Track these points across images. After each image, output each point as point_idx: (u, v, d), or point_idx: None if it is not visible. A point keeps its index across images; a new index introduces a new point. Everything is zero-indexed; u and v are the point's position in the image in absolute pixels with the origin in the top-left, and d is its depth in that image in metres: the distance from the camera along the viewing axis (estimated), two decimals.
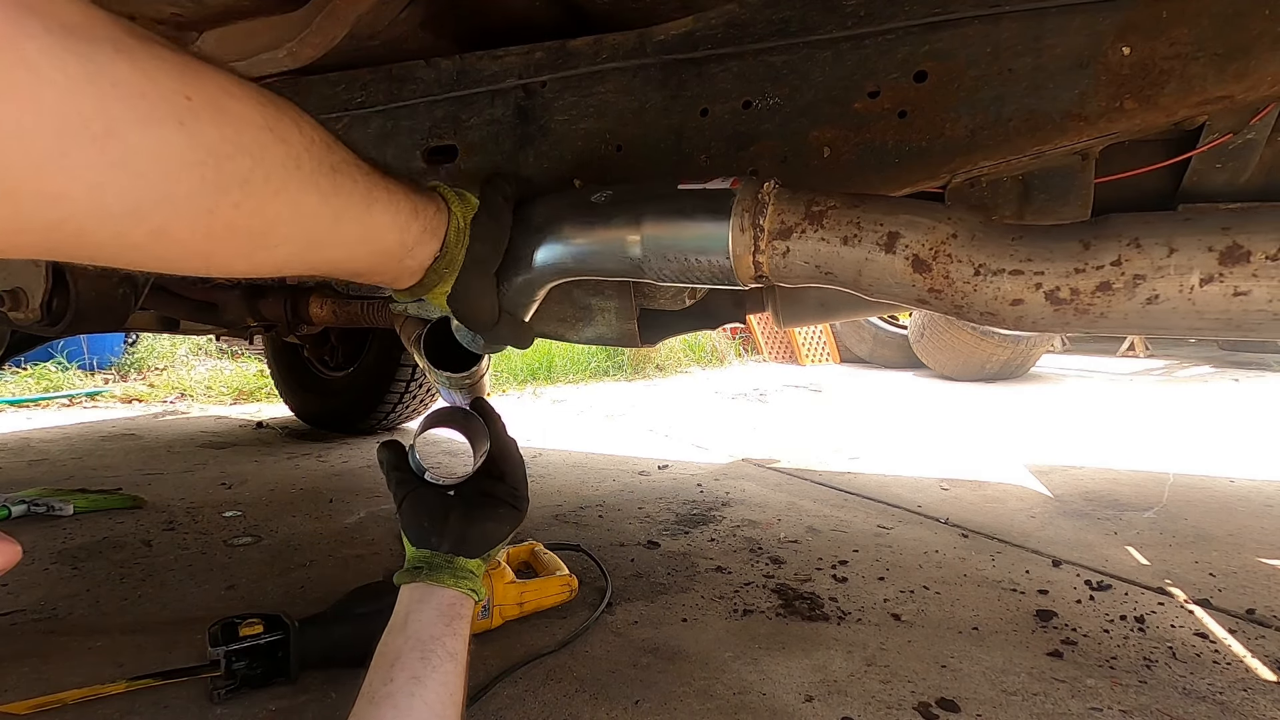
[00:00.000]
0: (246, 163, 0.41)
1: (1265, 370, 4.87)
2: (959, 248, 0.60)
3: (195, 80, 0.39)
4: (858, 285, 0.64)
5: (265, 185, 0.43)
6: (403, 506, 0.76)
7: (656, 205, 0.67)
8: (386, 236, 0.56)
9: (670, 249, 0.66)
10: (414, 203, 0.58)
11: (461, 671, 0.68)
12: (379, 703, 0.63)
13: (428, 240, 0.60)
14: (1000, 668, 1.10)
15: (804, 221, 0.63)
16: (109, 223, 0.37)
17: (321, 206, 0.48)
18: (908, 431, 3.12)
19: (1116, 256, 0.56)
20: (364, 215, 0.52)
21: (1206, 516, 1.88)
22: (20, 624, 1.22)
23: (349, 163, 0.50)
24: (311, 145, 0.46)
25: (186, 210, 0.39)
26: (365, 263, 0.56)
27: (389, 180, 0.55)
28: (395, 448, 0.81)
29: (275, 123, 0.44)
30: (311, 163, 0.46)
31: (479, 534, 0.75)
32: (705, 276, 0.67)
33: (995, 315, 0.60)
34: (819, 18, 0.79)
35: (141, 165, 0.36)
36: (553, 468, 2.40)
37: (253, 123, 0.42)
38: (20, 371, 3.89)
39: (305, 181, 0.46)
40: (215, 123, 0.39)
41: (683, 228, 0.65)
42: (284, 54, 0.91)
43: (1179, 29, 0.66)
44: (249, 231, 0.44)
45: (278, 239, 0.46)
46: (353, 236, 0.52)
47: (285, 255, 0.48)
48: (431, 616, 0.69)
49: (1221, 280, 0.53)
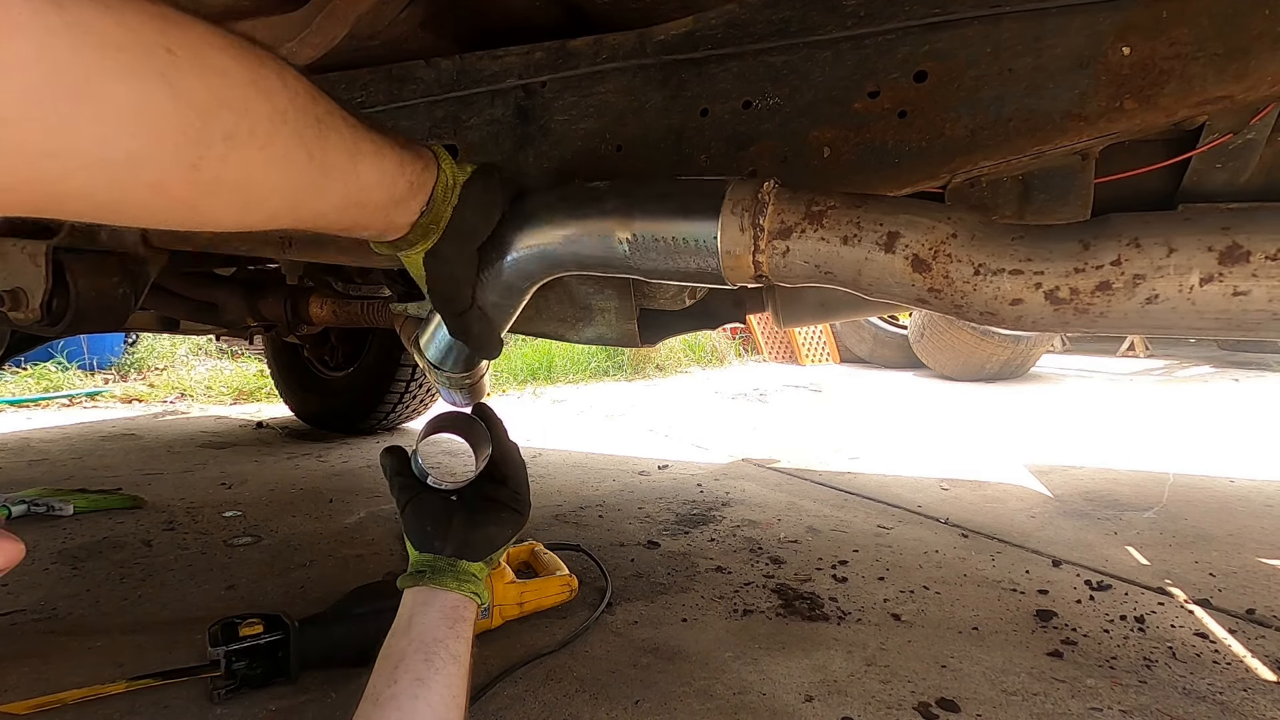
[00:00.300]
0: (230, 116, 0.41)
1: (1265, 370, 4.87)
2: (959, 247, 0.60)
3: (177, 32, 0.38)
4: (857, 285, 0.64)
5: (250, 139, 0.42)
6: (405, 511, 0.76)
7: (648, 191, 0.67)
8: (373, 190, 0.56)
9: (659, 234, 0.66)
10: (400, 156, 0.58)
11: (464, 673, 0.68)
12: (383, 704, 0.63)
13: (415, 194, 0.60)
14: (1000, 668, 1.10)
15: (804, 221, 0.63)
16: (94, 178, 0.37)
17: (307, 160, 0.48)
18: (908, 431, 3.12)
19: (1116, 256, 0.56)
20: (350, 168, 0.52)
21: (1206, 516, 1.88)
22: (20, 624, 1.22)
23: (334, 114, 0.50)
24: (296, 97, 0.46)
25: (172, 164, 0.39)
26: (352, 215, 0.56)
27: (375, 133, 0.55)
28: (398, 453, 0.82)
29: (258, 75, 0.43)
30: (296, 115, 0.46)
31: (482, 538, 0.75)
32: (691, 267, 0.66)
33: (995, 315, 0.60)
34: (819, 18, 0.79)
35: (125, 120, 0.36)
36: (553, 468, 2.40)
37: (236, 76, 0.41)
38: (20, 371, 3.89)
39: (290, 135, 0.45)
40: (198, 76, 0.39)
41: (672, 214, 0.65)
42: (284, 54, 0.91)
43: (1179, 29, 0.66)
44: (235, 185, 0.43)
45: (265, 192, 0.46)
46: (339, 189, 0.52)
47: (273, 209, 0.48)
48: (435, 619, 0.69)
49: (1221, 280, 0.53)
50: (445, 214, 0.63)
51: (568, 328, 1.03)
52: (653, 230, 0.66)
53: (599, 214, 0.68)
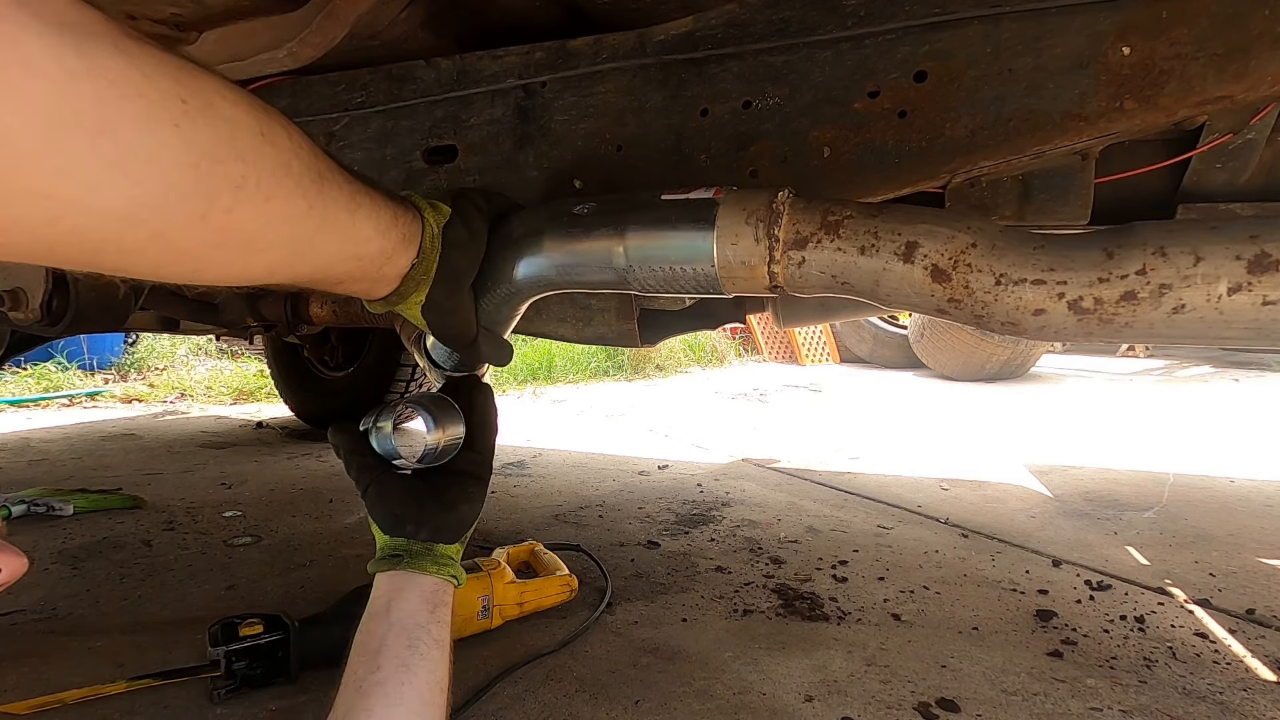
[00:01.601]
0: (239, 167, 0.41)
1: (1265, 370, 4.87)
2: (979, 257, 0.59)
3: (190, 82, 0.39)
4: (875, 295, 0.64)
5: (257, 190, 0.43)
6: (368, 493, 0.73)
7: (640, 215, 0.67)
8: (369, 243, 0.57)
9: (655, 259, 0.66)
10: (393, 210, 0.59)
11: (447, 659, 0.67)
12: (368, 691, 0.62)
13: (405, 248, 0.61)
14: (1000, 668, 1.10)
15: (819, 231, 0.63)
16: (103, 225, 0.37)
17: (309, 212, 0.48)
18: (908, 431, 3.12)
19: (1141, 265, 0.55)
20: (348, 222, 0.53)
21: (1206, 516, 1.88)
22: (20, 624, 1.22)
23: (333, 169, 0.51)
24: (299, 151, 0.47)
25: (181, 214, 0.39)
26: (347, 269, 0.57)
27: (369, 188, 0.56)
28: (350, 431, 0.77)
29: (266, 127, 0.44)
30: (300, 168, 0.47)
31: (455, 519, 0.73)
32: (691, 286, 0.67)
33: (1017, 325, 0.60)
34: (819, 18, 0.79)
35: (136, 166, 0.36)
36: (553, 468, 2.40)
37: (246, 127, 0.42)
38: (20, 371, 3.89)
39: (294, 187, 0.46)
40: (210, 125, 0.39)
41: (667, 237, 0.66)
42: (284, 54, 0.91)
43: (1179, 29, 0.66)
44: (240, 237, 0.44)
45: (266, 244, 0.46)
46: (337, 242, 0.53)
47: (272, 261, 0.49)
48: (416, 604, 0.68)
49: (1250, 289, 0.52)
50: (434, 264, 0.64)
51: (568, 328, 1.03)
52: (648, 245, 0.66)
53: (589, 234, 0.68)
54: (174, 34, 0.92)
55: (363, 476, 0.74)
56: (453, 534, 0.73)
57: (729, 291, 0.68)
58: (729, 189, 0.66)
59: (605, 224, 0.68)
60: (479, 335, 0.70)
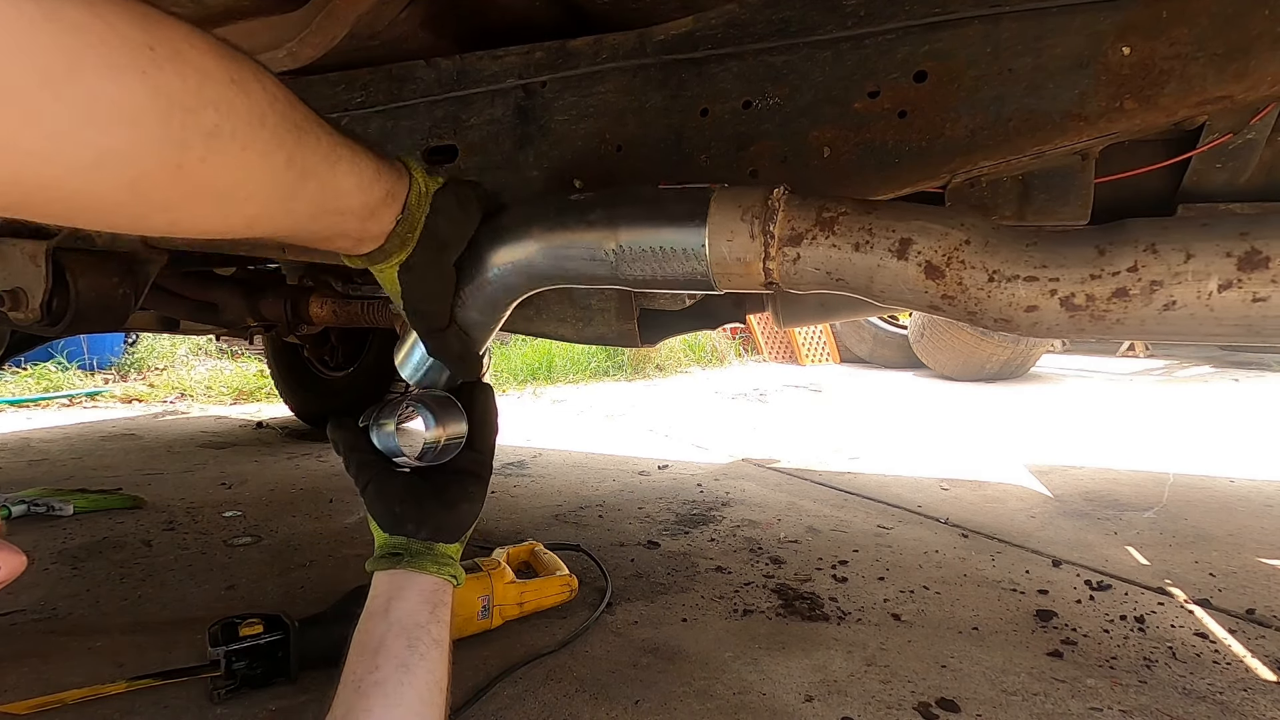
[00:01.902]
0: (212, 115, 0.40)
1: (1265, 370, 4.87)
2: (972, 254, 0.60)
3: (157, 29, 0.38)
4: (869, 292, 0.64)
5: (231, 140, 0.42)
6: (367, 491, 0.72)
7: (633, 205, 0.66)
8: (350, 196, 0.56)
9: (646, 249, 0.65)
10: (377, 165, 0.58)
11: (446, 659, 0.67)
12: (366, 692, 0.61)
13: (390, 204, 0.60)
14: (1000, 668, 1.10)
15: (815, 228, 0.63)
16: (72, 177, 0.36)
17: (287, 163, 0.47)
18: (908, 431, 3.12)
19: (1133, 262, 0.55)
20: (328, 174, 0.52)
21: (1206, 516, 1.88)
22: (20, 624, 1.22)
23: (312, 120, 0.50)
24: (275, 101, 0.46)
25: (153, 164, 0.38)
26: (329, 222, 0.56)
27: (352, 141, 0.55)
28: (350, 427, 0.76)
29: (238, 76, 0.43)
30: (275, 118, 0.45)
31: (456, 519, 0.72)
32: (680, 276, 0.66)
33: (1010, 322, 0.60)
34: (819, 18, 0.79)
35: (103, 115, 0.35)
36: (553, 468, 2.40)
37: (217, 75, 0.41)
38: (20, 371, 3.89)
39: (270, 137, 0.45)
40: (179, 73, 0.38)
41: (659, 227, 0.65)
42: (284, 54, 0.91)
43: (1179, 29, 0.66)
44: (215, 188, 0.43)
45: (245, 195, 0.45)
46: (317, 195, 0.52)
47: (252, 213, 0.48)
48: (415, 603, 0.67)
49: (1240, 286, 0.52)
50: (419, 222, 0.62)
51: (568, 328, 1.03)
52: (640, 239, 0.65)
53: (582, 225, 0.67)
54: None
55: (362, 473, 0.73)
56: (453, 533, 0.72)
57: (723, 288, 0.68)
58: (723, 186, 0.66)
59: (596, 212, 0.67)
60: (450, 328, 0.69)
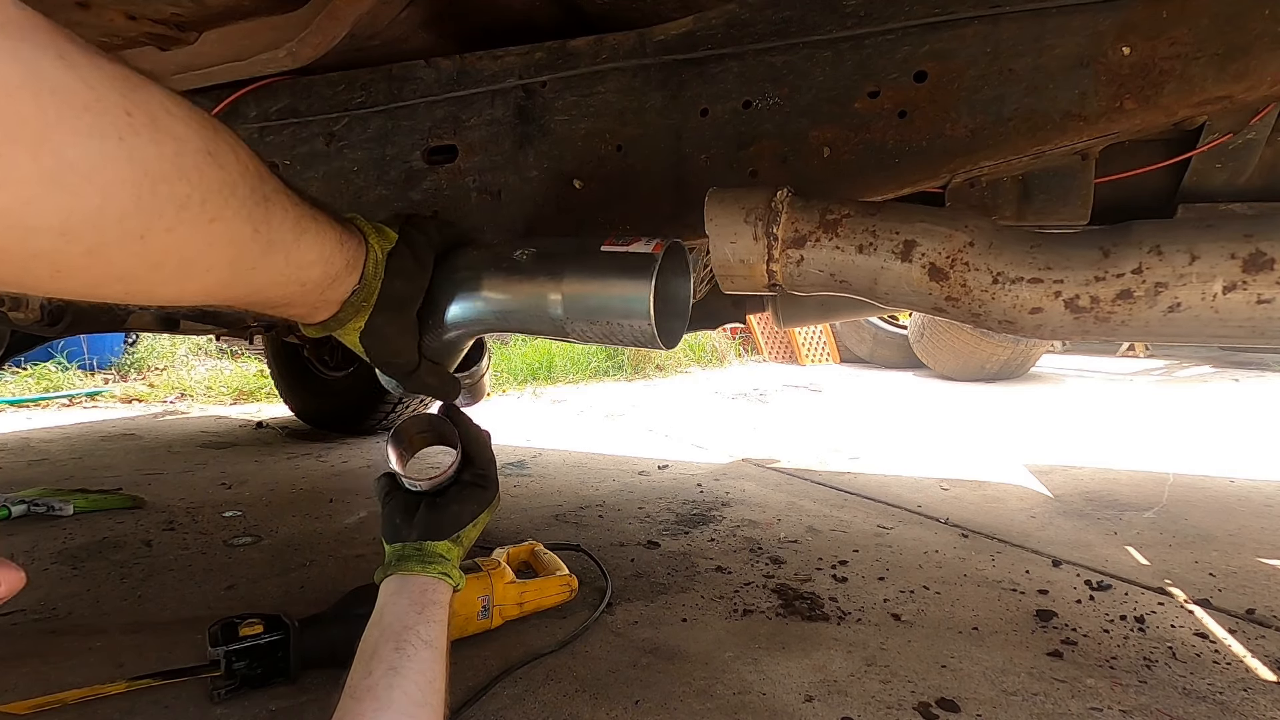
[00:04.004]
0: (184, 186, 0.40)
1: (1265, 370, 4.87)
2: (976, 256, 0.60)
3: (136, 95, 0.37)
4: (873, 294, 0.64)
5: (201, 210, 0.41)
6: (383, 513, 0.79)
7: (578, 266, 0.65)
8: (312, 268, 0.55)
9: (594, 312, 0.64)
10: (339, 235, 0.58)
11: (440, 658, 0.68)
12: (360, 697, 0.64)
13: (349, 273, 0.60)
14: (1000, 668, 1.10)
15: (818, 230, 0.63)
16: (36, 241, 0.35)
17: (253, 235, 0.47)
18: (908, 431, 3.12)
19: (1137, 264, 0.56)
20: (292, 246, 0.51)
21: (1206, 516, 1.88)
22: (20, 624, 1.21)
23: (280, 192, 0.50)
24: (246, 172, 0.45)
25: (119, 232, 0.37)
26: (287, 293, 0.55)
27: (316, 211, 0.55)
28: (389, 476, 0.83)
29: (214, 146, 0.42)
30: (246, 190, 0.45)
31: (447, 517, 0.76)
32: (629, 340, 0.66)
33: (1014, 323, 0.60)
34: (819, 18, 0.79)
35: (76, 180, 0.34)
36: (553, 468, 2.40)
37: (192, 145, 0.40)
38: (20, 371, 3.89)
39: (239, 209, 0.45)
40: (155, 141, 0.38)
41: (605, 291, 0.63)
42: (284, 54, 0.91)
43: (1179, 29, 0.66)
44: (180, 258, 0.42)
45: (207, 266, 0.45)
46: (280, 267, 0.51)
47: (211, 283, 0.47)
48: (404, 606, 0.69)
49: (1245, 287, 0.53)
50: (375, 290, 0.62)
51: None
52: (584, 303, 0.64)
53: (527, 279, 0.67)
54: (174, 34, 0.92)
55: (384, 500, 0.79)
56: (440, 531, 0.75)
57: (727, 290, 0.68)
58: (669, 240, 0.64)
59: (543, 270, 0.66)
60: (421, 367, 0.69)
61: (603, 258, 0.64)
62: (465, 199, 0.97)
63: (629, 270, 0.63)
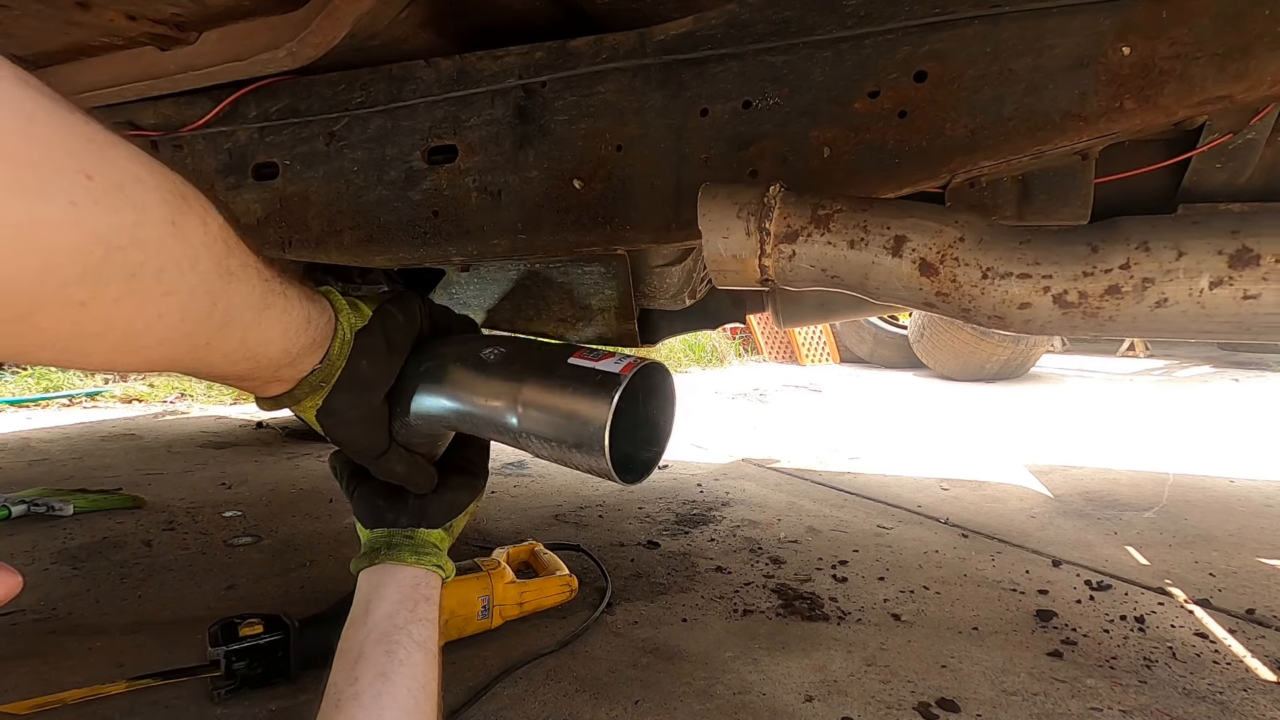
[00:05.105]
0: (138, 256, 0.36)
1: (1265, 370, 4.87)
2: (966, 251, 0.60)
3: (102, 157, 0.35)
4: (864, 289, 0.64)
5: (154, 284, 0.38)
6: (355, 495, 0.70)
7: (540, 376, 0.58)
8: (271, 347, 0.51)
9: (548, 431, 0.57)
10: (308, 311, 0.54)
11: (433, 660, 0.63)
12: (344, 705, 0.58)
13: (312, 353, 0.56)
14: (1000, 668, 1.10)
15: (810, 225, 0.63)
16: None
17: (209, 312, 0.43)
18: (908, 431, 3.12)
19: (1125, 260, 0.56)
20: (253, 323, 0.48)
21: (1206, 516, 1.88)
22: (20, 624, 1.21)
23: (247, 267, 0.46)
24: (212, 245, 0.42)
25: (57, 300, 0.34)
26: (240, 370, 0.51)
27: (286, 286, 0.51)
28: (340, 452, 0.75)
29: (181, 216, 0.39)
30: (209, 263, 0.41)
31: (442, 503, 0.69)
32: (584, 469, 0.58)
33: (1003, 318, 0.60)
34: (819, 18, 0.79)
35: (16, 243, 0.31)
36: (553, 468, 2.40)
37: (156, 215, 0.37)
38: (20, 371, 3.89)
39: (198, 284, 0.41)
40: (113, 209, 0.35)
41: (562, 408, 0.56)
42: (284, 54, 0.91)
43: (1179, 29, 0.66)
44: (125, 330, 0.38)
45: (153, 339, 0.41)
46: (234, 344, 0.47)
47: (156, 357, 0.43)
48: (394, 603, 0.64)
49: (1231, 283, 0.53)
50: (337, 370, 0.58)
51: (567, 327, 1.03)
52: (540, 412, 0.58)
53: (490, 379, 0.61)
54: (174, 34, 0.92)
55: (351, 482, 0.71)
56: (435, 518, 0.69)
57: (720, 285, 0.68)
58: (640, 362, 0.57)
59: (506, 375, 0.60)
60: (390, 453, 0.64)
61: (566, 371, 0.58)
62: (465, 199, 0.97)
63: (590, 390, 0.55)
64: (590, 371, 0.56)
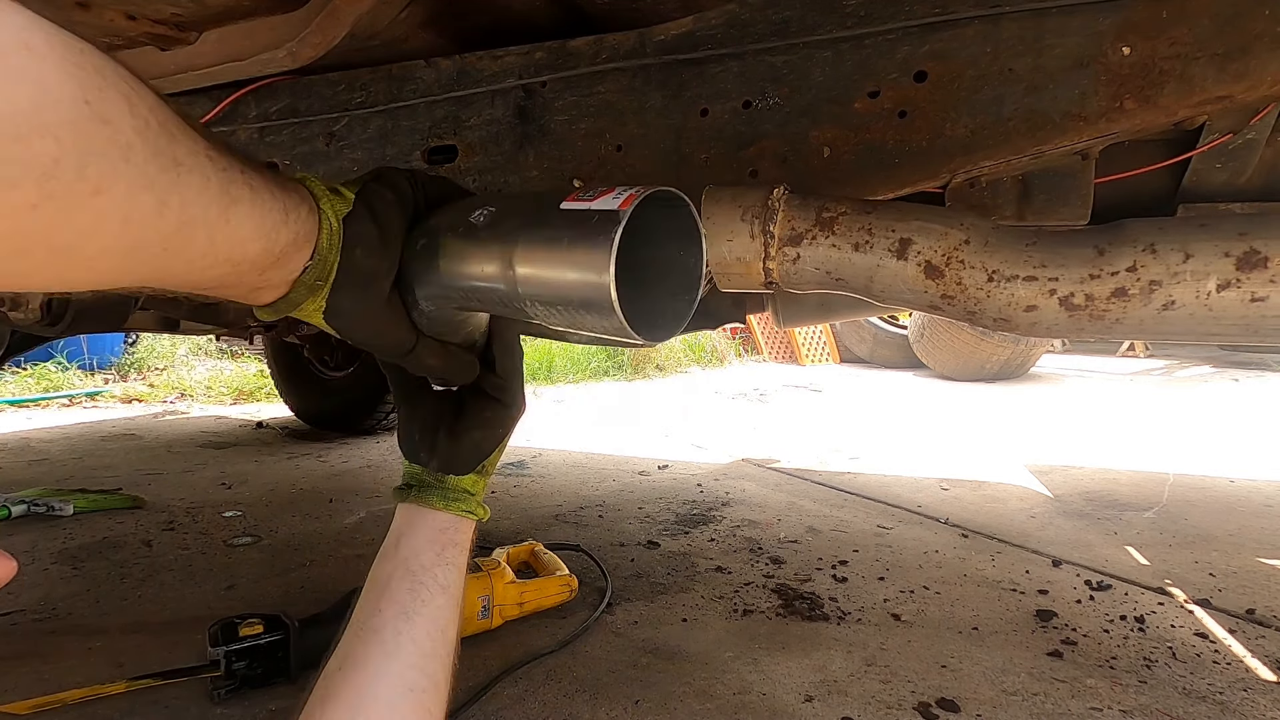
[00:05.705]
0: (49, 148, 0.29)
1: (1265, 370, 4.87)
2: (972, 254, 0.60)
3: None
4: (869, 291, 0.64)
5: (78, 181, 0.31)
6: (400, 415, 0.67)
7: (531, 231, 0.49)
8: (248, 246, 0.44)
9: (552, 295, 0.48)
10: (284, 203, 0.46)
11: (455, 604, 0.63)
12: (365, 637, 0.60)
13: (299, 249, 0.48)
14: (1000, 668, 1.10)
15: (814, 228, 0.63)
16: None
17: (158, 211, 0.36)
18: (908, 431, 3.12)
19: (1132, 262, 0.56)
20: (219, 220, 0.40)
21: (1206, 516, 1.88)
22: (20, 624, 1.21)
23: (198, 154, 0.38)
24: (146, 129, 0.34)
25: None
26: (216, 275, 0.44)
27: (253, 175, 0.43)
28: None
29: (97, 94, 0.31)
30: (146, 152, 0.34)
31: (468, 446, 0.65)
32: (600, 332, 0.49)
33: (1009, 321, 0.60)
34: (819, 18, 0.79)
35: None
36: (553, 468, 2.40)
37: (62, 92, 0.30)
38: (20, 371, 3.89)
39: (137, 178, 0.34)
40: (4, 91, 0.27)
41: (560, 265, 0.47)
42: (284, 54, 0.91)
43: (1179, 29, 0.66)
44: (52, 244, 0.32)
45: (95, 251, 0.34)
46: (201, 246, 0.40)
47: (103, 270, 0.37)
48: (422, 543, 0.63)
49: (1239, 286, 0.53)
50: (333, 265, 0.50)
51: None
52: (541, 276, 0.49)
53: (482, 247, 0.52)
54: (174, 34, 0.92)
55: (397, 395, 0.68)
56: (464, 465, 0.66)
57: (724, 288, 0.68)
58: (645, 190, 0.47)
59: (497, 238, 0.51)
60: (419, 346, 0.57)
61: (558, 220, 0.48)
62: None
63: (587, 236, 0.45)
64: (585, 214, 0.47)
